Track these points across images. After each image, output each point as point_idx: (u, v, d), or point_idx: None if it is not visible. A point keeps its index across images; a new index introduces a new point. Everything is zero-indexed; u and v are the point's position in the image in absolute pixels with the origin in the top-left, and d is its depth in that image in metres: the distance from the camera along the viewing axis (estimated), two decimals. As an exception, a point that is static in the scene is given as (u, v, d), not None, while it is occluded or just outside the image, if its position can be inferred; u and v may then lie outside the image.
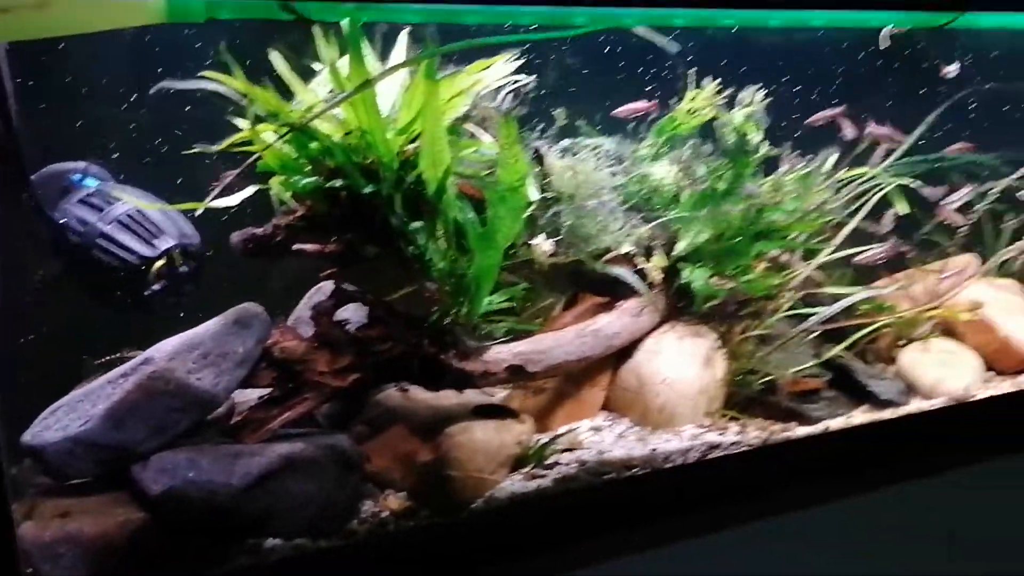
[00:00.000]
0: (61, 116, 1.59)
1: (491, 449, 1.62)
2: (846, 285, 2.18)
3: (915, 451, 2.09)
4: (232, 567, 1.42)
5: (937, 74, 2.07)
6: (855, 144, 2.00)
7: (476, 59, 1.55)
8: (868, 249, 1.96)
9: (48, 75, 1.53)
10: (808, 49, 2.05)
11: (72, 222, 1.53)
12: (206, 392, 1.36)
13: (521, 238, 1.58)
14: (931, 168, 2.11)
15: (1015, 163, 2.21)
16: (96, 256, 1.52)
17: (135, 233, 1.51)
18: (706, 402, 1.90)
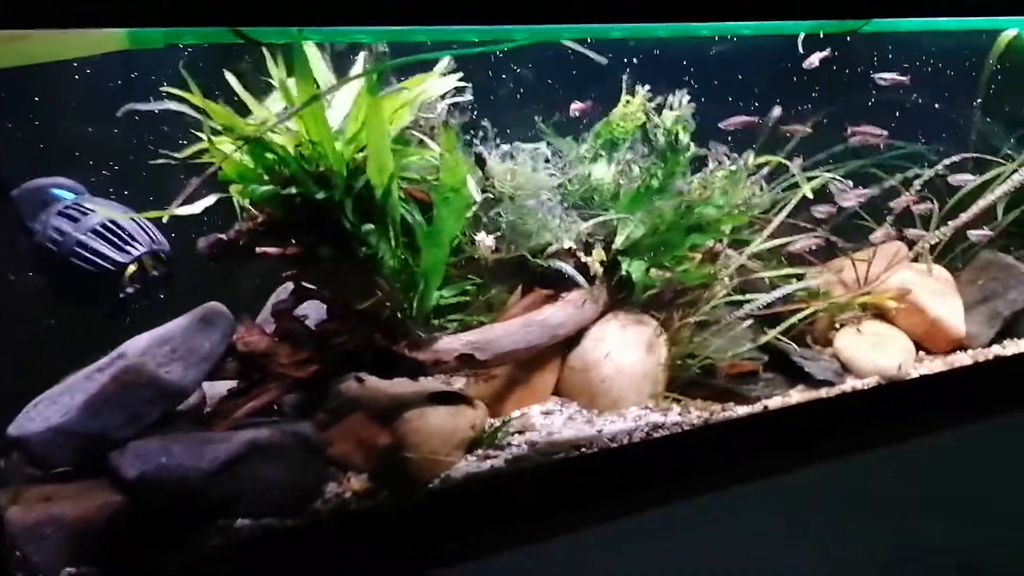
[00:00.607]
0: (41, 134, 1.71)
1: (445, 433, 1.76)
2: (785, 276, 2.33)
3: (850, 428, 2.24)
4: (204, 546, 1.55)
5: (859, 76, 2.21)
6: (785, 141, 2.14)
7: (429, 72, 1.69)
8: (797, 239, 2.10)
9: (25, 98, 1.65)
10: (740, 55, 2.19)
11: (51, 232, 1.66)
12: (175, 384, 1.49)
13: (466, 236, 1.71)
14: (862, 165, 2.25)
15: (940, 154, 2.35)
16: (73, 263, 1.65)
17: (108, 241, 1.64)
18: (650, 385, 2.04)
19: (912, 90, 2.24)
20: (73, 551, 1.46)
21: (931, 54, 2.26)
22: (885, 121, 2.24)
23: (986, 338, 2.45)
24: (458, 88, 1.71)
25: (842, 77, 2.24)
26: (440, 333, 1.69)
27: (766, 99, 2.13)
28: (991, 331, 2.46)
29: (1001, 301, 2.50)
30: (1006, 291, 2.51)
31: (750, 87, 2.20)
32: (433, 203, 1.63)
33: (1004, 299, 2.50)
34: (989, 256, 2.59)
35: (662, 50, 2.07)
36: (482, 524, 1.79)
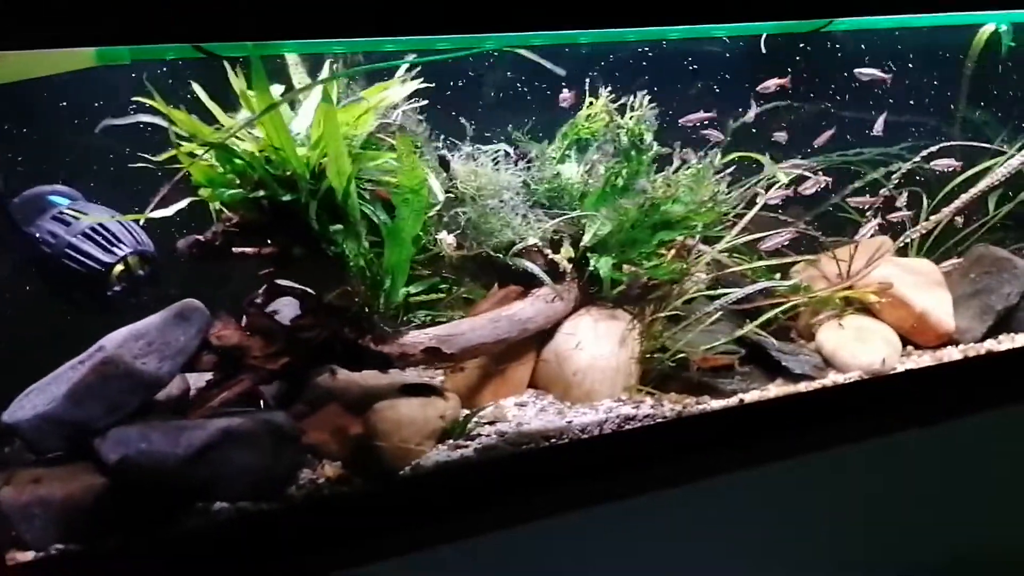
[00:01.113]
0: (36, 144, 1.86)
1: (416, 423, 1.85)
2: (763, 270, 2.36)
3: (830, 422, 2.26)
4: (183, 527, 1.66)
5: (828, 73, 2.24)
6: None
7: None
8: (772, 234, 2.13)
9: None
10: (708, 55, 2.23)
11: (45, 236, 1.80)
12: (151, 375, 1.61)
13: (431, 235, 1.80)
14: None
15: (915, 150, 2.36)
16: (65, 264, 1.78)
17: (96, 243, 1.77)
18: (623, 378, 2.10)
19: (896, 85, 2.25)
20: (60, 529, 1.59)
21: (912, 49, 2.26)
22: (868, 116, 2.27)
23: (978, 333, 2.46)
24: (421, 94, 1.80)
25: (822, 74, 2.26)
26: (407, 327, 1.77)
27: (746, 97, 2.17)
28: (983, 326, 2.46)
29: (994, 295, 2.49)
30: (999, 285, 2.51)
31: (732, 85, 2.23)
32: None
33: (998, 293, 2.50)
34: (982, 250, 2.58)
35: (636, 52, 2.12)
36: (451, 511, 1.86)
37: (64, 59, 1.40)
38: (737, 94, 2.23)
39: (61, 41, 1.29)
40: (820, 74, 2.30)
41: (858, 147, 2.39)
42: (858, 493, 2.29)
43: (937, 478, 2.40)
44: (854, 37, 2.27)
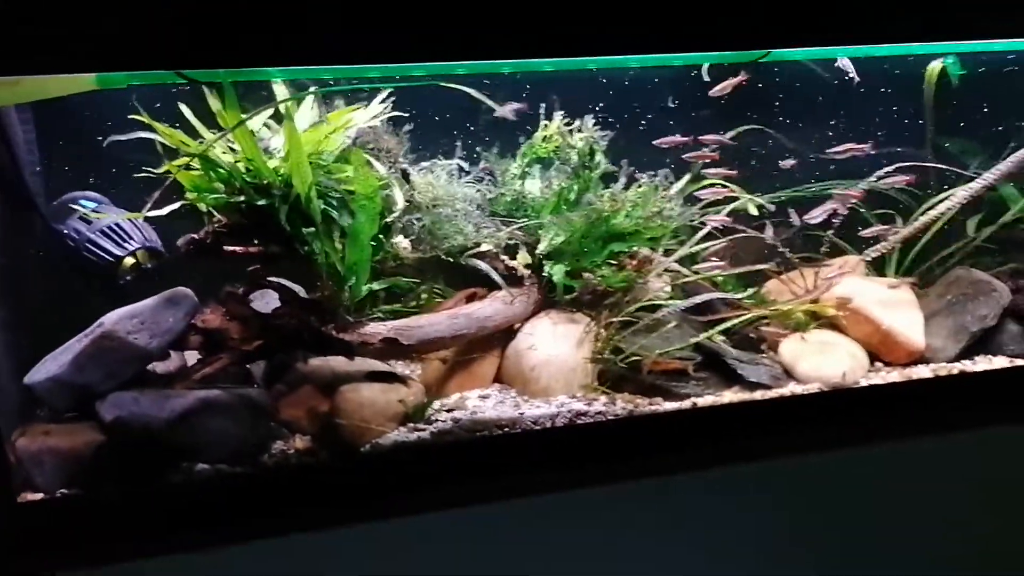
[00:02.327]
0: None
1: (378, 405, 2.11)
2: (733, 283, 2.50)
3: (787, 431, 2.37)
4: (169, 481, 1.95)
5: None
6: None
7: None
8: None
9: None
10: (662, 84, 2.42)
11: (71, 232, 2.18)
12: (142, 349, 1.94)
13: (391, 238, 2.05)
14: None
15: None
16: (86, 256, 2.16)
17: (111, 239, 2.12)
18: (579, 377, 2.30)
19: (859, 111, 2.37)
20: (65, 476, 1.92)
21: (870, 77, 2.36)
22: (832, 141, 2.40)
23: (951, 352, 2.51)
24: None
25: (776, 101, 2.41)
26: (368, 320, 2.02)
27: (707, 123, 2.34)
28: (957, 346, 2.54)
29: (970, 316, 2.55)
30: (976, 307, 2.57)
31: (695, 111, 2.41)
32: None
33: (974, 315, 2.55)
34: (961, 271, 2.65)
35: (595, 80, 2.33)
36: (406, 485, 2.08)
37: (70, 83, 1.72)
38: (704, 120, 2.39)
39: (66, 66, 1.60)
40: (789, 102, 2.43)
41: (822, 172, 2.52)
42: (807, 504, 2.39)
43: (895, 495, 2.47)
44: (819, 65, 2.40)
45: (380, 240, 2.07)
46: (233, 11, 1.66)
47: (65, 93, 1.77)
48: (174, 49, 1.67)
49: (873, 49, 2.17)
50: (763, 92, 2.34)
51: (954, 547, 2.58)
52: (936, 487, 2.54)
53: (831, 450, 2.44)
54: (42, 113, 2.11)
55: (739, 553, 2.37)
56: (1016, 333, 2.61)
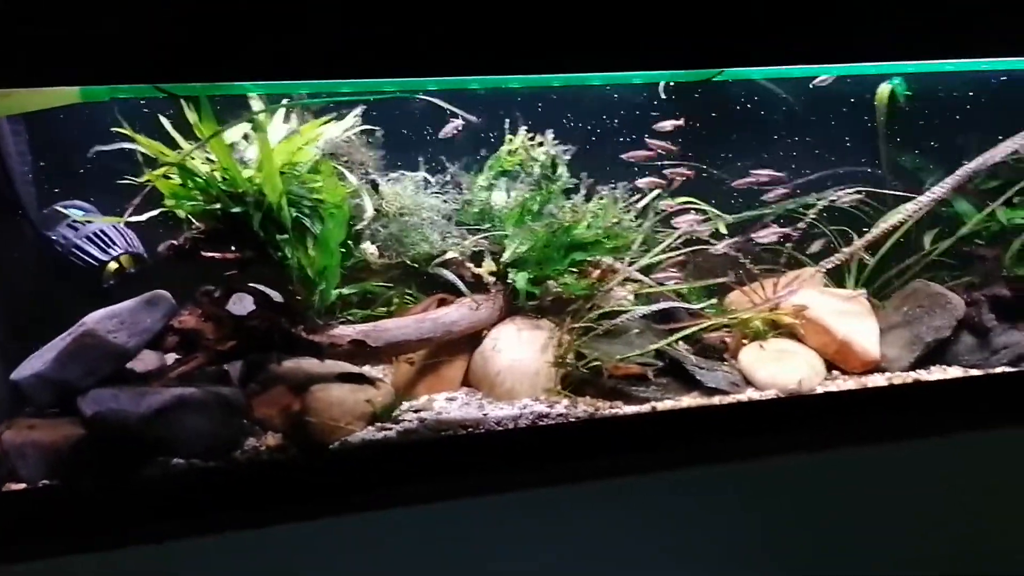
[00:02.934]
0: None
1: (346, 404, 2.21)
2: (698, 293, 2.60)
3: (743, 435, 2.45)
4: (145, 474, 2.05)
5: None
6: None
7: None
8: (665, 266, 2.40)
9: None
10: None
11: (59, 238, 2.30)
12: (120, 347, 2.05)
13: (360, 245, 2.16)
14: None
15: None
16: (72, 261, 2.27)
17: (96, 244, 2.24)
18: (542, 381, 2.39)
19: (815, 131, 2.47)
20: (47, 468, 2.02)
21: (825, 98, 2.47)
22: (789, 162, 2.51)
23: (905, 362, 2.60)
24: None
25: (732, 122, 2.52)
26: (336, 322, 2.12)
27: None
28: (911, 356, 2.64)
29: (925, 327, 2.64)
30: (932, 319, 2.66)
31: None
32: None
33: (929, 326, 2.64)
34: (918, 284, 2.75)
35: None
36: (373, 481, 2.18)
37: (56, 96, 1.84)
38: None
39: (52, 80, 1.72)
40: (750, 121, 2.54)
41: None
42: (762, 506, 2.48)
43: (848, 499, 2.56)
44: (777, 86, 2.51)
45: (349, 247, 2.19)
46: (211, 29, 1.79)
47: (51, 105, 1.89)
48: (154, 64, 1.80)
49: (826, 69, 2.28)
50: (723, 110, 2.46)
51: (904, 548, 2.67)
52: (889, 492, 2.63)
53: (787, 455, 2.53)
54: (33, 124, 2.24)
55: (694, 553, 2.46)
56: (970, 344, 2.71)
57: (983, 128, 2.59)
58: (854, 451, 2.61)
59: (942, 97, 2.62)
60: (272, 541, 2.19)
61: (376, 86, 2.29)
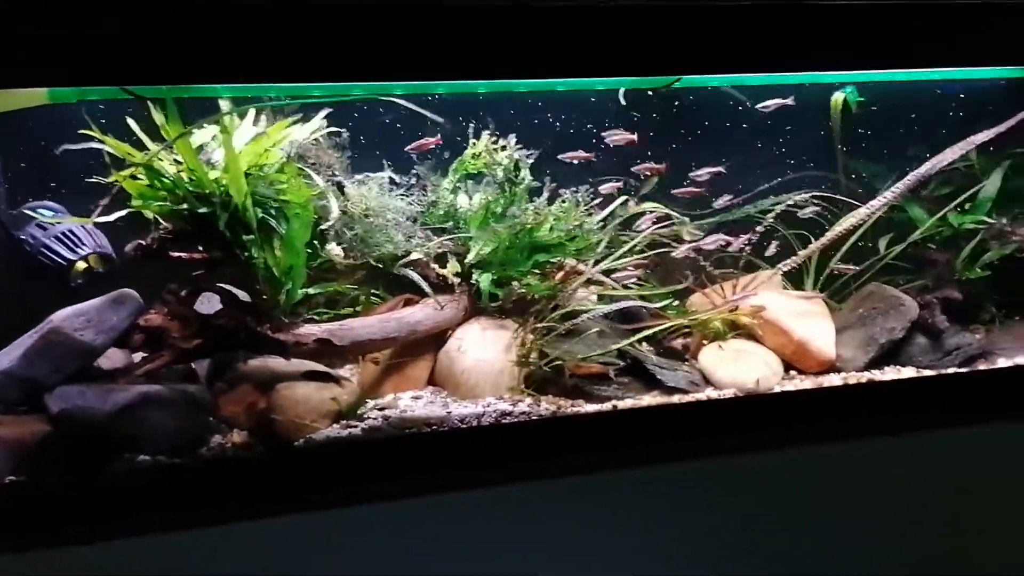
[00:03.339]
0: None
1: (311, 403, 2.25)
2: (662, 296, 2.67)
3: (702, 433, 2.51)
4: (112, 471, 2.08)
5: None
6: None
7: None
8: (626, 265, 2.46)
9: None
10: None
11: (28, 238, 2.32)
12: (87, 344, 2.08)
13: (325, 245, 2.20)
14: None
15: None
16: (41, 260, 2.30)
17: (65, 244, 2.26)
18: (506, 380, 2.44)
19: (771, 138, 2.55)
20: (13, 464, 2.02)
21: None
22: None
23: (860, 363, 2.68)
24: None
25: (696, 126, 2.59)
26: (301, 321, 2.16)
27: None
28: (866, 356, 2.71)
29: (879, 328, 2.72)
30: (886, 320, 2.73)
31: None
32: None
33: (882, 327, 2.72)
34: (873, 287, 2.83)
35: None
36: (338, 478, 2.21)
37: (24, 98, 1.87)
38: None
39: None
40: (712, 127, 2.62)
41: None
42: (720, 503, 2.54)
43: (804, 497, 2.63)
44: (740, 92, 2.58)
45: (315, 247, 2.23)
46: (179, 34, 1.83)
47: (21, 106, 1.92)
48: (121, 67, 1.84)
49: (783, 78, 2.36)
50: (683, 116, 2.54)
51: (858, 546, 2.74)
52: (843, 490, 2.71)
53: (745, 453, 2.60)
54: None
55: (653, 549, 2.51)
56: (924, 345, 2.79)
57: (933, 135, 2.68)
58: (810, 449, 2.70)
59: (893, 105, 2.70)
60: (237, 537, 2.23)
61: (343, 89, 2.34)
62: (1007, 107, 2.76)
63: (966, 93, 2.77)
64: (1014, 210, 2.91)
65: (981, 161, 2.92)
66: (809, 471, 2.70)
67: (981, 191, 2.89)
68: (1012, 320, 2.86)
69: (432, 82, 2.41)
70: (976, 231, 2.86)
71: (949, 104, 2.77)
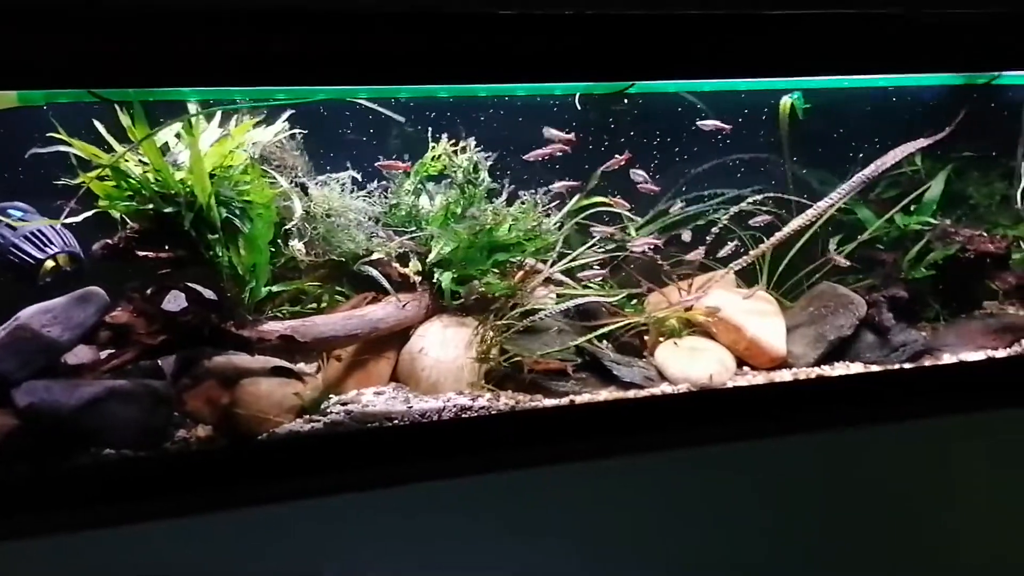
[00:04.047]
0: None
1: (274, 398, 2.29)
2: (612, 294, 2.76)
3: (657, 427, 2.59)
4: (78, 463, 2.12)
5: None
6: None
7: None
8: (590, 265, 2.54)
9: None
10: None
11: None
12: (54, 341, 2.13)
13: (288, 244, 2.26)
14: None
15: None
16: (9, 259, 2.34)
17: (33, 243, 2.31)
18: (467, 375, 2.49)
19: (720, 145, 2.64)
20: (-21, 458, 2.04)
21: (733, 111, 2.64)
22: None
23: (810, 359, 2.77)
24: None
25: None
26: (265, 318, 2.22)
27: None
28: (815, 353, 2.80)
29: (828, 326, 2.81)
30: (834, 317, 2.82)
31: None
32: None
33: (832, 324, 2.81)
34: (824, 286, 2.91)
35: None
36: (299, 471, 2.27)
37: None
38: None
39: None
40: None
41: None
42: (674, 495, 2.62)
43: (752, 490, 2.72)
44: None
45: (279, 246, 2.29)
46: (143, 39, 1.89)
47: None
48: (88, 70, 1.90)
49: (733, 83, 2.45)
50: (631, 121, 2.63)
51: (808, 539, 2.83)
52: (791, 481, 2.79)
53: (698, 446, 2.68)
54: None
55: (604, 539, 2.59)
56: (871, 342, 2.89)
57: (878, 139, 2.78)
58: (760, 443, 2.79)
59: (839, 110, 2.81)
60: (199, 528, 2.28)
61: (308, 94, 2.40)
62: (948, 112, 2.91)
63: (909, 99, 2.88)
64: (957, 212, 3.06)
65: (926, 165, 3.05)
66: (760, 464, 2.79)
67: (926, 194, 3.03)
68: (955, 318, 2.98)
69: (393, 86, 2.49)
70: (921, 232, 2.99)
71: (893, 109, 2.88)
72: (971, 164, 3.07)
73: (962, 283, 2.98)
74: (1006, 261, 3.03)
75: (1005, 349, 2.86)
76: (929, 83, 2.82)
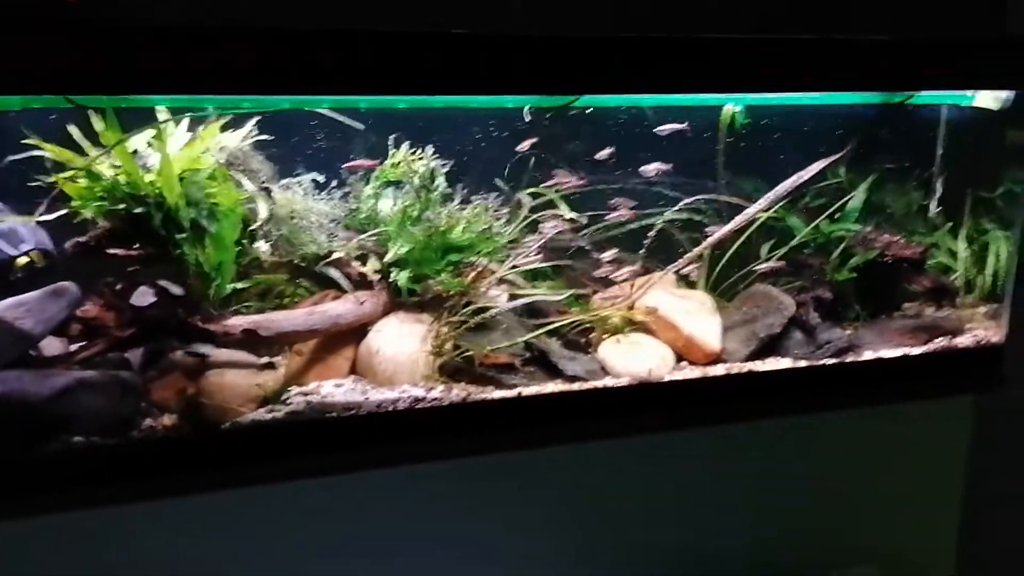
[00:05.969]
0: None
1: (238, 388, 2.37)
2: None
3: (599, 417, 2.72)
4: (49, 451, 2.19)
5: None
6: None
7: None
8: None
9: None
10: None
11: None
12: (27, 332, 2.19)
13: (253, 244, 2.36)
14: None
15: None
16: None
17: (5, 240, 2.36)
18: (422, 369, 2.59)
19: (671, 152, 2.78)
20: (-51, 447, 2.10)
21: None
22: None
23: (743, 354, 2.92)
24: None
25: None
26: (229, 313, 2.31)
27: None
28: (747, 349, 2.94)
29: (759, 324, 2.97)
30: (765, 316, 2.99)
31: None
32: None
33: (762, 323, 2.97)
34: (758, 287, 3.07)
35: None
36: (261, 458, 2.36)
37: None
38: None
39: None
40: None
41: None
42: (615, 484, 2.78)
43: (688, 478, 2.88)
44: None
45: (244, 245, 2.39)
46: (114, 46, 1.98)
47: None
48: (62, 76, 1.98)
49: (673, 99, 2.60)
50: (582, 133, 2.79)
51: (743, 528, 3.01)
52: (724, 470, 2.97)
53: (637, 435, 2.83)
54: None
55: (551, 525, 2.74)
56: (799, 339, 3.06)
57: (807, 153, 2.96)
58: (696, 432, 2.94)
59: (773, 126, 2.99)
60: (166, 511, 2.37)
61: (274, 103, 2.50)
62: (866, 130, 3.12)
63: (835, 116, 3.08)
64: (877, 220, 3.26)
65: (849, 177, 3.25)
66: (694, 452, 2.96)
67: (849, 203, 3.22)
68: (875, 318, 3.17)
69: (354, 97, 2.59)
70: (844, 238, 3.17)
71: (821, 126, 3.07)
72: (890, 176, 3.26)
73: (881, 285, 3.19)
74: (922, 265, 3.25)
75: (920, 346, 3.07)
76: (851, 102, 3.00)
